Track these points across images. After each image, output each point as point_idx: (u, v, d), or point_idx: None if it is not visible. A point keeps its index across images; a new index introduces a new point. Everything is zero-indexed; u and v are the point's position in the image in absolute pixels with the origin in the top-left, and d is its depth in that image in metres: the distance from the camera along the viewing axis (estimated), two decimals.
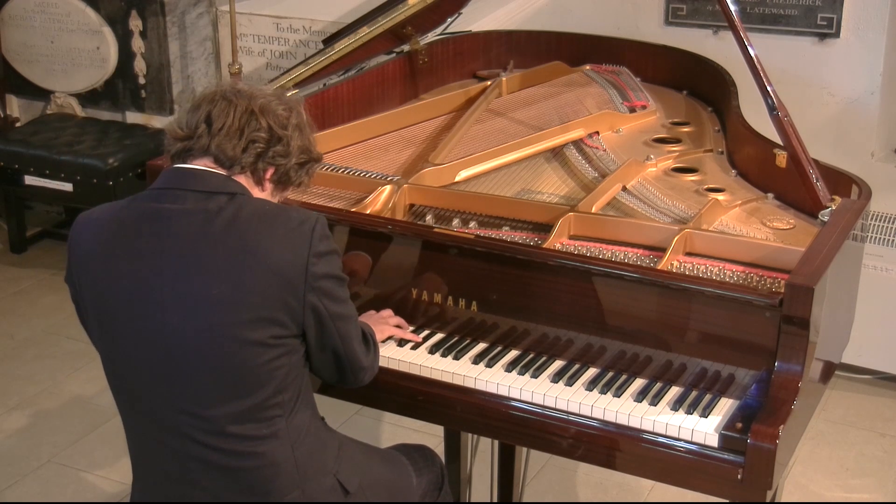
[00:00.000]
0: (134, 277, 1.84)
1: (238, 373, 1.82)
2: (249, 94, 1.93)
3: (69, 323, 4.28)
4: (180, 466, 1.89)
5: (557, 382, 2.11)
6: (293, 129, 1.95)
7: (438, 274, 2.26)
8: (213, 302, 1.80)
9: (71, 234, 1.94)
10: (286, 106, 1.97)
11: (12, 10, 5.02)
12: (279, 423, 1.88)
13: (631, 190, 2.50)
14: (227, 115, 1.89)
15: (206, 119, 1.89)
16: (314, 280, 1.84)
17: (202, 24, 4.85)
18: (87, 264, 1.90)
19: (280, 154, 1.93)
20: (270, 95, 1.96)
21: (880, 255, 3.65)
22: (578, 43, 3.36)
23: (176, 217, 1.84)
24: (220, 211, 1.84)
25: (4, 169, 4.75)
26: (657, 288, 2.08)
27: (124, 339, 1.87)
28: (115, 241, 1.87)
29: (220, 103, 1.90)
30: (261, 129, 1.90)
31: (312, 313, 1.86)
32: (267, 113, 1.92)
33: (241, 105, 1.90)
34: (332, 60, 2.90)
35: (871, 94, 3.66)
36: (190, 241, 1.82)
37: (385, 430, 3.51)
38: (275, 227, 1.84)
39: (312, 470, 1.93)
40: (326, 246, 1.86)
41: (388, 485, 2.10)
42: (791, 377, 1.96)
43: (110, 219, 1.90)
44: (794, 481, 3.32)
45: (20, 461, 3.44)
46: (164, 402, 1.86)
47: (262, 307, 1.80)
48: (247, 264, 1.80)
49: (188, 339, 1.81)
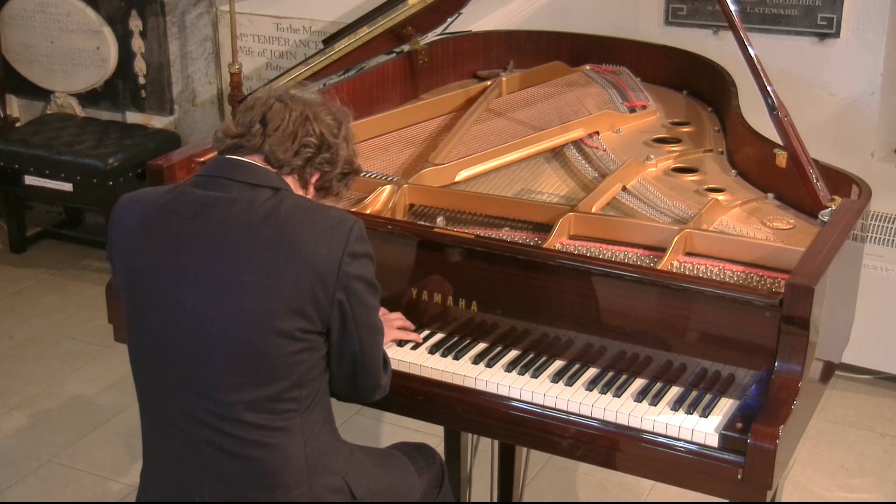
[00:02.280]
0: (169, 258, 1.87)
1: (260, 360, 1.84)
2: (304, 101, 1.99)
3: (69, 323, 4.29)
4: (192, 450, 1.90)
5: (557, 382, 2.11)
6: (342, 140, 2.02)
7: (438, 274, 2.26)
8: (245, 287, 1.82)
9: (113, 214, 1.97)
10: (335, 116, 2.02)
11: (12, 10, 5.02)
12: (294, 417, 1.89)
13: (631, 190, 2.50)
14: (282, 118, 1.95)
15: (262, 119, 1.95)
16: (346, 279, 1.86)
17: (202, 24, 4.85)
18: (124, 243, 1.93)
19: (327, 161, 1.99)
20: (322, 104, 2.01)
21: (880, 255, 3.65)
22: (578, 43, 3.36)
23: (220, 204, 1.88)
24: (263, 202, 1.87)
25: (4, 169, 4.76)
26: (657, 288, 2.08)
27: (152, 319, 1.89)
28: (155, 222, 1.90)
29: (276, 105, 1.96)
30: (313, 135, 1.96)
31: (339, 312, 1.87)
32: (320, 120, 1.97)
33: (297, 110, 1.96)
34: (332, 60, 2.90)
35: (871, 94, 3.66)
36: (230, 227, 1.86)
37: (385, 430, 3.51)
38: (313, 222, 1.86)
39: (322, 468, 1.94)
40: (362, 248, 1.89)
41: (394, 491, 2.11)
42: (791, 377, 1.96)
43: (154, 201, 1.93)
44: (794, 481, 3.32)
45: (20, 461, 3.44)
46: (183, 384, 1.88)
47: (291, 298, 1.83)
48: (282, 255, 1.83)
49: (216, 322, 1.83)
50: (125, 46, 4.85)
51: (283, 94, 1.99)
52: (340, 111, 2.05)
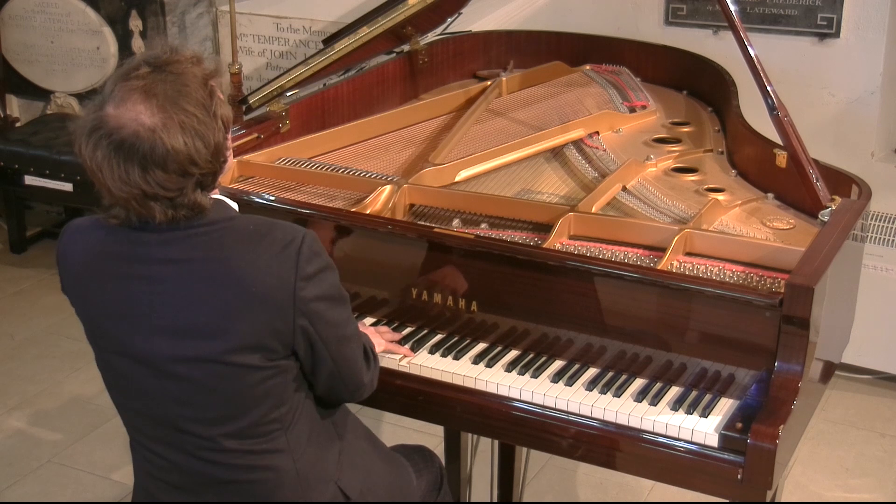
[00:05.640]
0: (121, 304, 1.79)
1: (232, 396, 1.79)
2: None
3: (69, 323, 4.28)
4: (182, 478, 1.88)
5: (557, 382, 2.11)
6: (204, 125, 1.75)
7: (438, 274, 2.26)
8: (202, 330, 1.75)
9: (59, 248, 1.86)
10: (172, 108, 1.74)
11: (12, 10, 5.02)
12: (279, 436, 1.86)
13: (631, 190, 2.50)
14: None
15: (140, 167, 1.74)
16: (303, 304, 1.77)
17: (202, 24, 4.85)
18: (75, 285, 1.85)
19: (212, 156, 1.76)
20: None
21: (880, 255, 3.65)
22: (578, 43, 3.36)
23: (156, 245, 1.76)
24: (201, 236, 1.76)
25: (4, 169, 4.76)
26: (657, 288, 2.08)
27: (116, 362, 1.84)
28: (100, 264, 1.80)
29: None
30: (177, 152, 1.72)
31: (303, 337, 1.80)
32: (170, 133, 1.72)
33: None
34: (332, 60, 2.89)
35: (871, 94, 3.65)
36: (175, 267, 1.76)
37: (385, 430, 3.51)
38: (258, 253, 1.75)
39: (314, 479, 1.92)
40: (316, 266, 1.78)
41: (389, 487, 2.10)
42: (791, 377, 1.96)
43: (96, 240, 1.81)
44: (794, 481, 3.32)
45: (20, 461, 3.44)
46: (162, 422, 1.85)
47: (250, 334, 1.75)
48: (232, 293, 1.74)
49: (179, 367, 1.78)
50: (125, 46, 4.85)
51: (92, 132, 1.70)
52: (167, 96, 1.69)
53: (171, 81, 1.70)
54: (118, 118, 1.67)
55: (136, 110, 1.67)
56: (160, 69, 1.71)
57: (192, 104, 1.70)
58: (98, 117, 1.69)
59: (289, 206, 2.37)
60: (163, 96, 1.68)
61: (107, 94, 1.71)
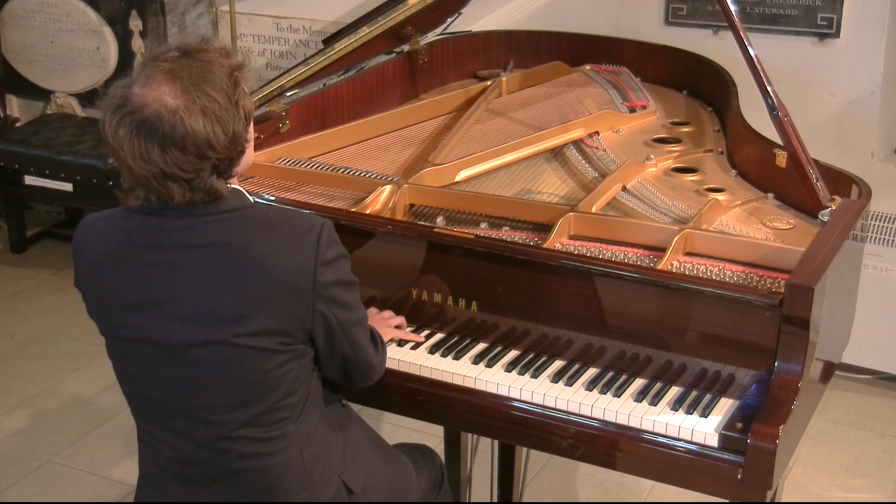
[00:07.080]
0: (141, 291, 1.82)
1: (249, 381, 1.82)
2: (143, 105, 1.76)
3: (69, 323, 4.28)
4: (190, 468, 1.89)
5: (557, 382, 2.11)
6: (228, 112, 1.78)
7: (438, 274, 2.26)
8: (222, 315, 1.79)
9: (76, 241, 1.89)
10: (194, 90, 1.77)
11: (12, 10, 5.02)
12: (288, 425, 1.88)
13: (631, 190, 2.50)
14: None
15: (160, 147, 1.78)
16: (323, 289, 1.82)
17: (202, 24, 4.85)
18: (94, 277, 1.87)
19: (231, 142, 1.79)
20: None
21: (880, 255, 3.65)
22: (578, 43, 3.36)
23: (181, 229, 1.80)
24: (223, 222, 1.80)
25: (4, 169, 4.76)
26: (657, 288, 2.08)
27: (134, 351, 1.86)
28: (121, 252, 1.83)
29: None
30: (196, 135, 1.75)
31: (322, 322, 1.85)
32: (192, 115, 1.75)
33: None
34: (332, 60, 2.90)
35: (871, 94, 3.66)
36: (196, 252, 1.80)
37: (385, 430, 3.51)
38: (279, 238, 1.81)
39: (319, 471, 1.93)
40: (334, 252, 1.84)
41: (391, 484, 2.10)
42: (791, 377, 1.96)
43: (115, 229, 1.85)
44: (794, 481, 3.32)
45: (20, 461, 3.44)
46: (175, 410, 1.86)
47: (270, 318, 1.79)
48: (254, 278, 1.78)
49: (198, 352, 1.80)
50: (125, 46, 4.85)
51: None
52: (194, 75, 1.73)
53: (197, 67, 1.74)
54: (142, 97, 1.71)
55: (161, 91, 1.71)
56: (189, 55, 1.76)
57: (216, 90, 1.74)
58: (124, 94, 1.73)
59: (289, 206, 2.37)
60: (188, 80, 1.72)
61: (135, 74, 1.75)
